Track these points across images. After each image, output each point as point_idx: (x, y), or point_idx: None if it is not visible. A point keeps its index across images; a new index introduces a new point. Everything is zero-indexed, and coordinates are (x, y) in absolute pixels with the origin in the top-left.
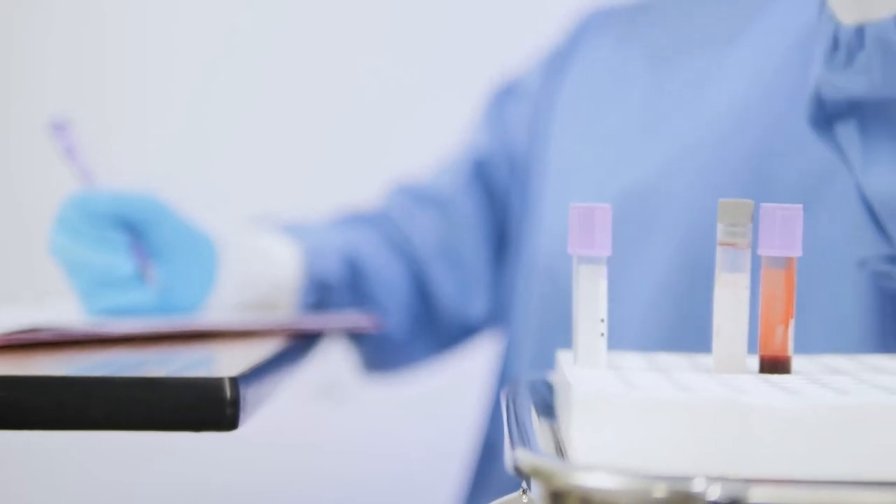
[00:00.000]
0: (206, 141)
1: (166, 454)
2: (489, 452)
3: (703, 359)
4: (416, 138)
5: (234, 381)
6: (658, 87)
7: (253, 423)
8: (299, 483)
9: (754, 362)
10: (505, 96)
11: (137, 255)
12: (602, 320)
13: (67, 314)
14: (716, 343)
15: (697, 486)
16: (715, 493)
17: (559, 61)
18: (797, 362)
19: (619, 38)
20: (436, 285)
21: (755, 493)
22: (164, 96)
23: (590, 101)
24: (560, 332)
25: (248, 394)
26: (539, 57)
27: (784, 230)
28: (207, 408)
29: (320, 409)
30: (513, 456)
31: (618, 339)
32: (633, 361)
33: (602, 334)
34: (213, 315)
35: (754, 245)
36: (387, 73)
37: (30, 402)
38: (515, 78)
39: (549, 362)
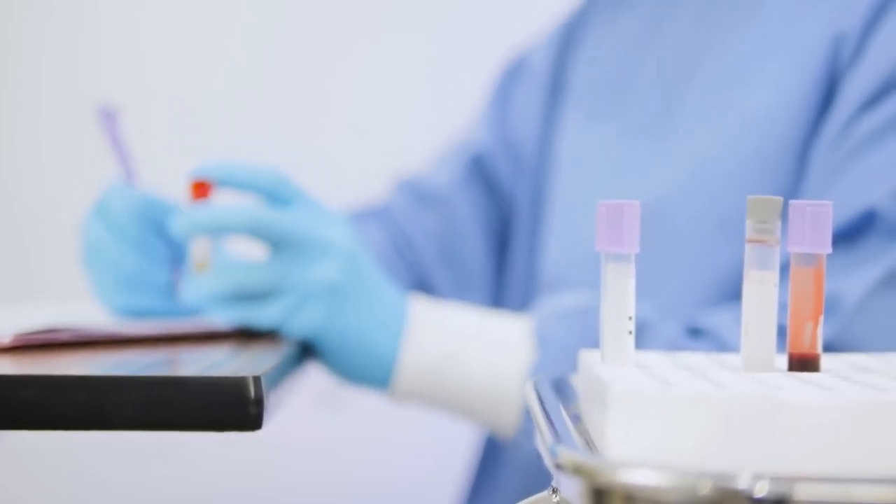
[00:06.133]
0: (206, 139)
1: (163, 457)
2: (491, 455)
3: (728, 357)
4: (414, 133)
5: (258, 381)
6: (683, 80)
7: None
8: (297, 489)
9: (782, 360)
10: (512, 78)
11: (173, 268)
12: (630, 318)
13: (82, 314)
14: (744, 341)
15: (743, 483)
16: (762, 490)
17: (571, 35)
18: (824, 361)
19: (638, 11)
20: (435, 292)
21: (801, 489)
22: (161, 95)
23: (604, 86)
24: None
25: (271, 393)
26: (549, 30)
27: (814, 227)
28: (231, 407)
29: (319, 414)
30: (551, 453)
31: None
32: (658, 360)
33: (630, 332)
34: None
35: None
36: (385, 66)
37: (52, 402)
38: (523, 55)
39: None
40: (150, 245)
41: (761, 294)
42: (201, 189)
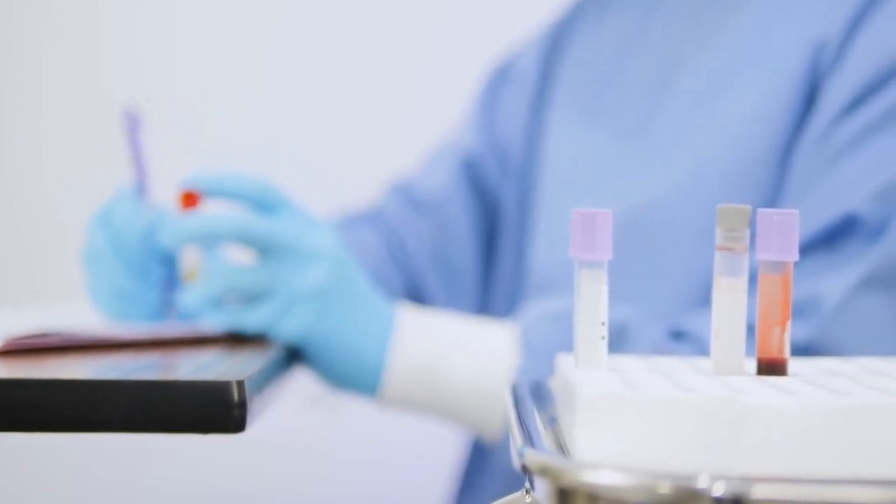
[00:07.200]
0: (206, 139)
1: (161, 457)
2: (478, 455)
3: (700, 362)
4: (414, 133)
5: (241, 384)
6: (669, 82)
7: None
8: (296, 489)
9: (751, 365)
10: (499, 81)
11: (166, 291)
12: (602, 323)
13: (74, 319)
14: (714, 346)
15: (702, 483)
16: (719, 489)
17: (558, 37)
18: (793, 365)
19: (625, 13)
20: (427, 296)
21: (758, 489)
22: (161, 95)
23: (592, 87)
24: None
25: (255, 396)
26: (537, 33)
27: (781, 235)
28: (215, 410)
29: (312, 415)
30: (519, 455)
31: None
32: (631, 364)
33: (603, 337)
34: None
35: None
36: (385, 66)
37: (42, 404)
38: (511, 58)
39: None
40: (147, 267)
41: (731, 301)
42: (190, 199)
